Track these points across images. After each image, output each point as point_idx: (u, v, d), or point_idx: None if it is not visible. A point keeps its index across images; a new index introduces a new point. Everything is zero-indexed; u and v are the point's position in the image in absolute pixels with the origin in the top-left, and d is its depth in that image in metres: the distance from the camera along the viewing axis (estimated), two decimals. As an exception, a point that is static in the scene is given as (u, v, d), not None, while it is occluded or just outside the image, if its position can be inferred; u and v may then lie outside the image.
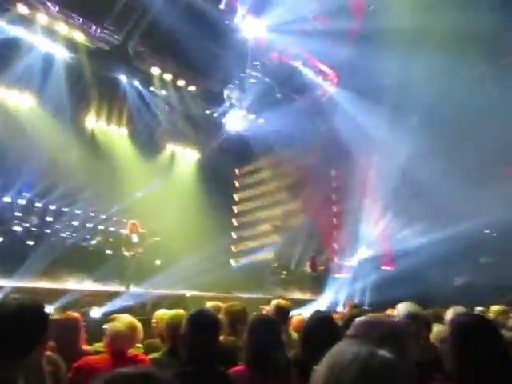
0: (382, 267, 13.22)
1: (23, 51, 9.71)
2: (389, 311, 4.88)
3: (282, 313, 4.03)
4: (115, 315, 3.38)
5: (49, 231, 10.99)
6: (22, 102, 10.73)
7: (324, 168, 14.55)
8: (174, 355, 2.84)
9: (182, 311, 3.53)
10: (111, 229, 12.35)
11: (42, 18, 9.26)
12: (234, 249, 14.94)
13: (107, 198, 11.93)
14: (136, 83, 11.90)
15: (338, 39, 10.07)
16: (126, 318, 3.03)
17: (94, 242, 11.73)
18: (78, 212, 11.79)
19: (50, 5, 9.08)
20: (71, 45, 10.03)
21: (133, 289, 8.79)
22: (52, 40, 9.77)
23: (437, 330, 3.62)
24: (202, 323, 2.27)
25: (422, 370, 2.03)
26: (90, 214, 12.02)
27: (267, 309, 4.50)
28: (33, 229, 10.59)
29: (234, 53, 10.58)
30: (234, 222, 15.37)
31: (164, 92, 12.09)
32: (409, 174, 12.03)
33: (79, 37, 9.84)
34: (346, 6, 10.31)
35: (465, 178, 10.58)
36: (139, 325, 3.15)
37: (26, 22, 9.21)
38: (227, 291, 9.71)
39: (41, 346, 1.59)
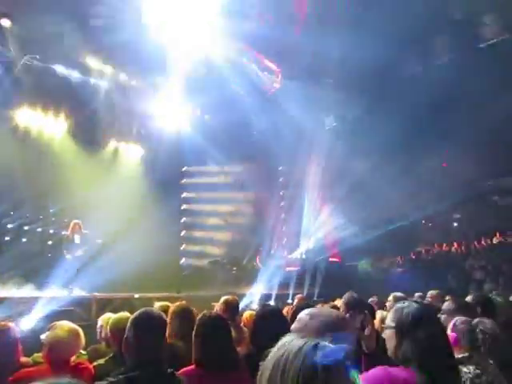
0: (330, 259, 13.67)
1: None
2: (336, 301, 5.05)
3: (231, 308, 4.05)
4: (54, 323, 3.19)
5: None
6: None
7: (271, 163, 14.73)
8: (120, 361, 2.74)
9: (127, 314, 3.41)
10: (51, 231, 11.68)
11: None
12: (183, 247, 14.74)
13: (46, 198, 11.27)
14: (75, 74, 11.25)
15: (282, 29, 10.20)
16: (66, 325, 2.87)
17: (31, 245, 11.02)
18: (12, 213, 11.02)
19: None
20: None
21: (77, 292, 8.39)
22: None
23: (380, 316, 3.79)
24: (147, 325, 2.20)
25: (369, 359, 2.11)
26: (26, 215, 11.29)
27: (216, 306, 4.49)
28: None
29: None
30: (183, 219, 15.15)
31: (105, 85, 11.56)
32: (348, 168, 12.55)
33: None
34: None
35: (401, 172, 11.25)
36: (80, 331, 3.00)
37: None
38: (177, 291, 9.54)
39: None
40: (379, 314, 4.03)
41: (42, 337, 2.77)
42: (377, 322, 3.69)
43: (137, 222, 11.94)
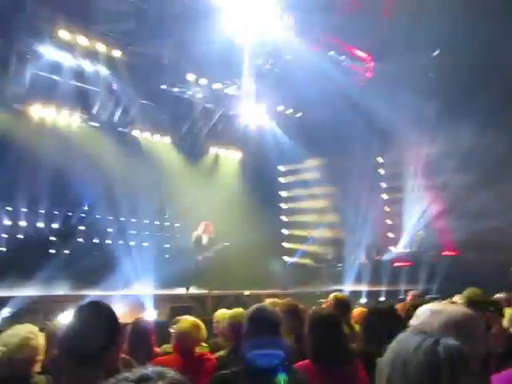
0: (444, 252, 12.66)
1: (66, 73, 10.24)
2: (455, 298, 4.69)
3: (341, 305, 4.02)
4: (178, 317, 3.54)
5: (110, 242, 11.61)
6: (70, 120, 11.36)
7: (370, 156, 14.15)
8: (237, 354, 2.92)
9: (241, 309, 3.63)
10: (167, 235, 12.83)
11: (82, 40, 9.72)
12: (286, 245, 14.96)
13: (158, 205, 12.30)
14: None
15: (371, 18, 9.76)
16: (190, 319, 3.17)
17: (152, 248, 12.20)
18: (134, 220, 12.30)
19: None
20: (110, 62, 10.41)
21: (192, 291, 9.06)
22: (93, 60, 10.22)
23: (510, 314, 3.43)
24: (263, 320, 2.31)
25: (499, 360, 1.94)
26: (145, 221, 12.51)
27: (326, 303, 4.50)
28: (95, 240, 11.25)
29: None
30: (284, 218, 15.37)
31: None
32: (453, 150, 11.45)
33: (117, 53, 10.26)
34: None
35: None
36: (202, 324, 3.28)
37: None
38: (284, 288, 9.76)
39: (116, 348, 1.71)
40: (509, 311, 3.64)
41: (171, 330, 3.09)
42: (506, 320, 3.34)
43: (240, 223, 12.48)
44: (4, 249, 10.00)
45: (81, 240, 11.31)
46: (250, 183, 13.71)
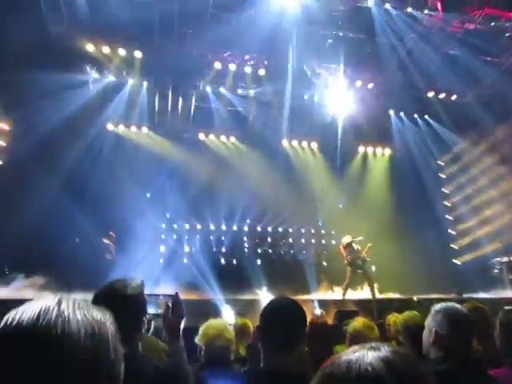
0: None
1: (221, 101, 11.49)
2: None
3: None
4: (355, 318, 3.55)
5: (270, 250, 12.36)
6: (226, 141, 12.65)
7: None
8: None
9: (415, 312, 3.44)
10: (323, 241, 12.98)
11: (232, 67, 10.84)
12: (454, 246, 13.41)
13: (309, 212, 12.52)
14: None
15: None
16: (362, 319, 3.16)
17: (309, 256, 12.55)
18: (291, 230, 12.82)
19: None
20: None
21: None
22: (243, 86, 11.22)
23: None
24: (460, 321, 2.15)
25: None
26: (301, 230, 12.91)
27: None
28: (258, 250, 12.12)
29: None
30: (449, 216, 13.83)
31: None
32: None
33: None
34: None
35: None
36: (374, 325, 3.23)
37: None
38: (459, 292, 8.80)
39: (303, 343, 1.83)
40: None
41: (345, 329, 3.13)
42: None
43: (399, 225, 11.82)
44: (186, 260, 11.59)
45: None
46: (402, 181, 12.77)
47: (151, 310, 4.85)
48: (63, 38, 9.43)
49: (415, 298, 8.12)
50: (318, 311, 6.39)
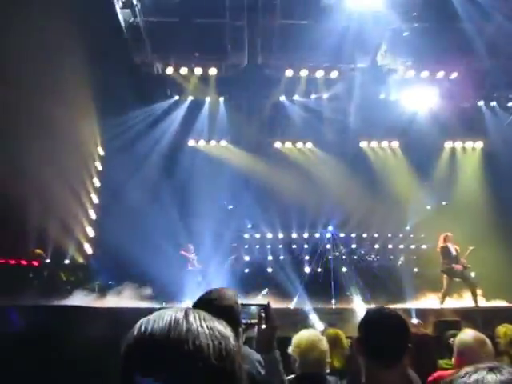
0: None
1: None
2: None
3: None
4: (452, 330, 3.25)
5: (355, 257, 11.94)
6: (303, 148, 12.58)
7: None
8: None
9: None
10: (412, 246, 12.22)
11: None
12: None
13: (395, 216, 11.86)
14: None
15: None
16: (471, 332, 2.84)
17: (399, 262, 11.89)
18: (376, 235, 12.28)
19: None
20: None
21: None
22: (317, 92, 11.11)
23: None
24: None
25: None
26: (388, 235, 12.30)
27: None
28: (343, 257, 11.77)
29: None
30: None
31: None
32: None
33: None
34: None
35: None
36: (487, 339, 2.88)
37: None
38: None
39: (406, 356, 1.68)
40: None
41: (452, 341, 2.85)
42: None
43: (499, 224, 10.69)
44: (270, 269, 11.66)
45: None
46: (499, 178, 11.51)
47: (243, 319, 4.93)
48: (146, 66, 10.20)
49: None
50: (414, 321, 5.99)
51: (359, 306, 7.86)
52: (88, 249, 10.48)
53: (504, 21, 9.36)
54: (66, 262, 9.81)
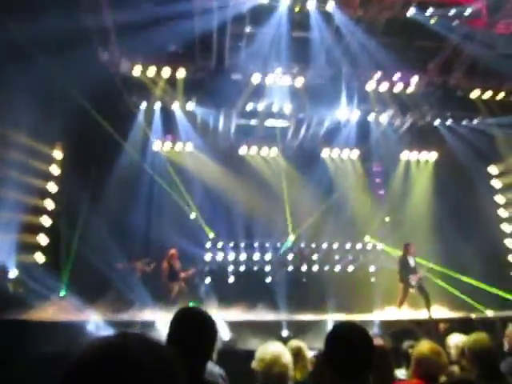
0: None
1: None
2: None
3: None
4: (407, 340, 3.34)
5: (315, 269, 12.09)
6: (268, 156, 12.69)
7: None
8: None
9: (484, 334, 3.21)
10: (370, 257, 12.55)
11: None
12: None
13: (352, 227, 12.15)
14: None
15: None
16: (427, 342, 2.95)
17: (357, 273, 12.14)
18: (335, 247, 12.45)
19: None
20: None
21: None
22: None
23: None
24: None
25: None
26: (346, 246, 12.53)
27: None
28: (302, 269, 11.90)
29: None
30: (506, 228, 12.79)
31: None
32: None
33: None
34: None
35: None
36: (441, 350, 3.00)
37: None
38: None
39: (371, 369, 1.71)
40: None
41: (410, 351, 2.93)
42: None
43: (450, 239, 11.19)
44: (232, 280, 11.57)
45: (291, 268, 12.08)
46: (449, 191, 11.95)
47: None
48: (113, 67, 9.81)
49: (474, 316, 7.58)
50: (374, 332, 6.11)
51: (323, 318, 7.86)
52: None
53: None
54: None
